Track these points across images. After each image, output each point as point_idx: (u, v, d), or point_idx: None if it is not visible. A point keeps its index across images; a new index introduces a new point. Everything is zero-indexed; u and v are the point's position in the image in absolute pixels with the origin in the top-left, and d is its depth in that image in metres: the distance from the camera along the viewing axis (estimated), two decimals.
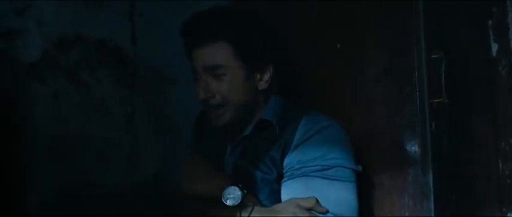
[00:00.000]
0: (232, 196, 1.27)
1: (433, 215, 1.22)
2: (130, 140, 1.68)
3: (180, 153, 1.68)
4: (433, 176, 1.22)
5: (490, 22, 1.12)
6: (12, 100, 1.49)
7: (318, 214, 1.24)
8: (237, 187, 1.28)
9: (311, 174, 1.27)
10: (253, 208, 1.26)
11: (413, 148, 1.27)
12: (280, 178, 1.33)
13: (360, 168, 1.31)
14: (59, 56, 1.57)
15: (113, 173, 1.62)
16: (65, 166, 1.54)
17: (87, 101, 1.61)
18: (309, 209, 1.23)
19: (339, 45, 1.46)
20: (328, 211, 1.24)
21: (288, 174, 1.30)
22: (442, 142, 1.21)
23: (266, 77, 1.39)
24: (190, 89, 1.40)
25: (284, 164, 1.32)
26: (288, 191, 1.29)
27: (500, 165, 1.09)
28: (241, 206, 1.26)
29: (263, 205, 1.30)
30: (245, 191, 1.28)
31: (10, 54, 1.49)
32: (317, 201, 1.24)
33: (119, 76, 1.67)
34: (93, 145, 1.59)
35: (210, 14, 1.37)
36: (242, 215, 1.25)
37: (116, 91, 1.67)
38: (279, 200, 1.30)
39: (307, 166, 1.28)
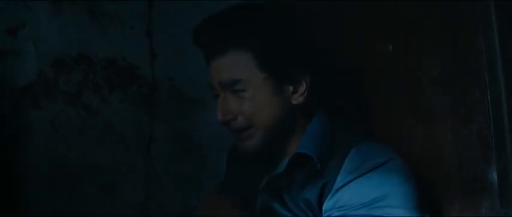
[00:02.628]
0: None
1: None
2: (146, 171, 1.58)
3: (207, 188, 1.49)
4: None
5: None
6: (6, 126, 1.44)
7: None
8: None
9: None
10: None
11: (488, 170, 1.07)
12: None
13: None
14: (58, 77, 1.51)
15: (123, 208, 1.54)
16: (65, 198, 1.48)
17: (93, 127, 1.53)
18: None
19: (391, 47, 1.29)
20: None
21: None
22: None
23: (301, 88, 1.16)
24: None
25: (323, 209, 1.09)
26: None
27: None
28: None
29: None
30: None
31: (2, 76, 1.43)
32: None
33: (133, 98, 1.59)
34: (100, 177, 1.52)
35: (223, 16, 1.17)
36: None
37: (128, 115, 1.58)
38: None
39: (349, 215, 1.04)
